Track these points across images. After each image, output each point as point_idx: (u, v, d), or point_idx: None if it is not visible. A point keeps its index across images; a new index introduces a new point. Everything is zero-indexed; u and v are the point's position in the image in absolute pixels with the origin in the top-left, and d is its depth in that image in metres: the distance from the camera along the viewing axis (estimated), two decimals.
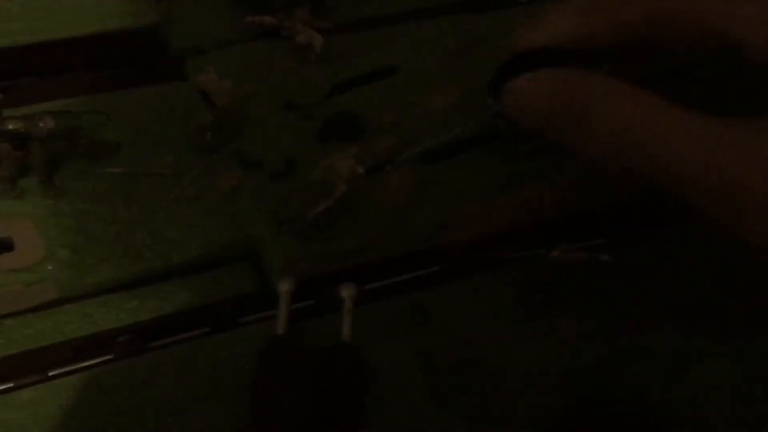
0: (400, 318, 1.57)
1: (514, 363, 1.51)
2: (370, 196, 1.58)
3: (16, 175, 1.46)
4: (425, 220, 1.62)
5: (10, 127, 1.43)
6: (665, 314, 1.62)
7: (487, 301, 1.62)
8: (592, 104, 1.14)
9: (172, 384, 1.40)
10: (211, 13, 1.83)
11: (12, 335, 1.42)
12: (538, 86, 1.31)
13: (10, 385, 1.37)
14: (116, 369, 1.43)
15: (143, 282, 1.50)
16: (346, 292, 1.40)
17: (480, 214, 1.66)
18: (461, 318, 1.59)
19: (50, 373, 1.40)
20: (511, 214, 1.68)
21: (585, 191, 1.72)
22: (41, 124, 1.45)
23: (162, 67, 1.78)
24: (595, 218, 1.75)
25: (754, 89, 1.70)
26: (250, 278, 1.56)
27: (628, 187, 1.74)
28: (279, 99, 1.69)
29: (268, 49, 1.79)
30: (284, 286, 1.39)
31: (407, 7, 1.94)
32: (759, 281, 1.69)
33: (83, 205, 1.50)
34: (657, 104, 1.08)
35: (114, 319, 1.49)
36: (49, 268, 1.41)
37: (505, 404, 1.46)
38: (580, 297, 1.64)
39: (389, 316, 1.54)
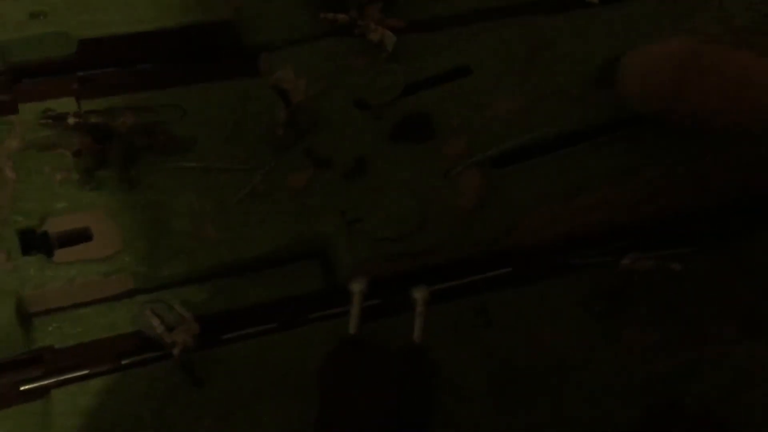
0: (464, 320, 1.57)
1: (578, 372, 1.50)
2: (441, 198, 1.59)
3: (94, 167, 1.49)
4: (494, 223, 1.62)
5: (93, 120, 1.46)
6: (731, 326, 1.60)
7: (553, 307, 1.61)
8: (719, 61, 1.32)
9: (241, 378, 1.42)
10: (283, 9, 1.85)
11: (88, 324, 1.45)
12: (668, 50, 1.45)
13: (86, 372, 1.41)
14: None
15: (214, 276, 1.53)
16: (419, 294, 1.41)
17: (549, 219, 1.65)
18: (525, 322, 1.59)
19: (123, 362, 1.44)
20: (581, 218, 1.67)
21: (655, 197, 1.71)
22: (122, 120, 1.48)
23: (236, 62, 1.80)
24: (667, 226, 1.73)
25: None
26: (319, 276, 1.57)
27: (706, 189, 1.71)
28: (351, 98, 1.70)
29: (340, 47, 1.80)
30: (357, 287, 1.40)
31: (479, 6, 1.94)
32: None
33: (159, 198, 1.53)
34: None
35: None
36: (126, 259, 1.44)
37: (569, 413, 1.45)
38: (647, 306, 1.63)
39: (454, 318, 1.54)
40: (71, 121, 1.45)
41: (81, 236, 1.46)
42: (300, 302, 1.51)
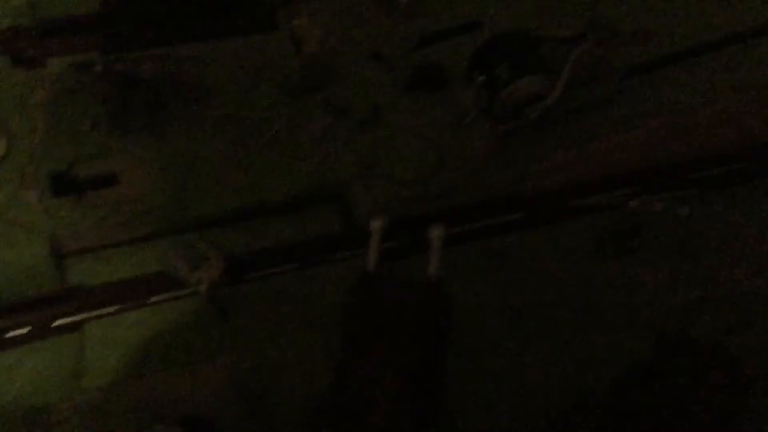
0: (479, 261, 1.62)
1: (590, 306, 1.56)
2: (455, 145, 1.64)
3: (121, 113, 1.55)
4: (508, 169, 1.67)
5: (118, 68, 1.52)
6: (741, 265, 1.65)
7: (565, 248, 1.67)
8: None
9: (266, 312, 1.49)
10: None
11: (118, 263, 1.51)
12: None
13: (116, 308, 1.47)
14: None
15: (239, 218, 1.59)
16: (435, 232, 1.46)
17: (562, 165, 1.71)
18: (538, 262, 1.64)
19: (151, 299, 1.50)
20: (593, 164, 1.72)
21: (666, 142, 1.75)
22: (146, 66, 1.54)
23: (255, 18, 1.85)
24: (678, 172, 1.78)
25: None
26: (338, 219, 1.63)
27: (715, 135, 1.75)
28: (366, 49, 1.75)
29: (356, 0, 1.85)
30: (376, 224, 1.46)
31: None
32: None
33: (184, 144, 1.59)
34: None
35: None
36: (153, 201, 1.50)
37: (581, 341, 1.51)
38: (658, 247, 1.68)
39: (469, 259, 1.60)
40: (98, 68, 1.51)
41: (108, 180, 1.52)
42: (320, 243, 1.56)
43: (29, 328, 1.45)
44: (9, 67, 1.59)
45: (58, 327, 1.45)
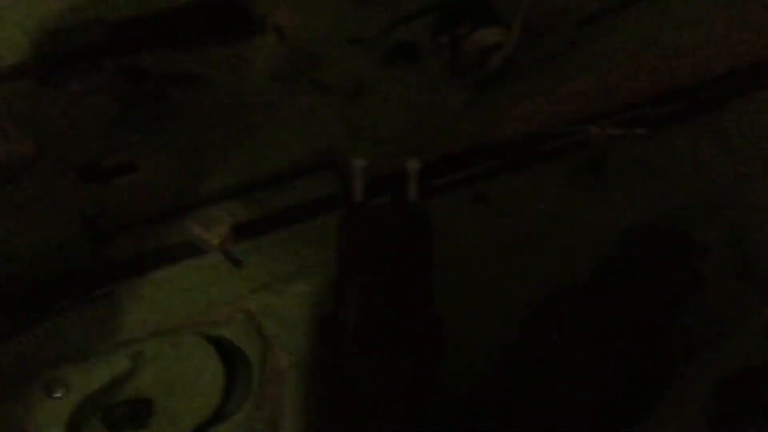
0: (464, 206, 1.78)
1: (569, 225, 1.69)
2: (433, 104, 1.81)
3: (132, 108, 1.76)
4: (483, 118, 1.83)
5: (125, 66, 1.73)
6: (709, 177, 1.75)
7: (543, 185, 1.81)
8: None
9: (273, 261, 1.65)
10: None
11: (143, 239, 1.71)
12: None
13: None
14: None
15: (244, 191, 1.78)
16: (411, 164, 1.63)
17: (533, 110, 1.86)
18: (520, 202, 1.80)
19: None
20: (565, 106, 1.86)
21: (625, 81, 1.90)
22: (149, 63, 1.75)
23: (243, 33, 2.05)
24: (640, 109, 1.92)
25: None
26: (333, 183, 1.81)
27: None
28: (345, 35, 1.95)
29: None
30: (359, 163, 1.63)
31: None
32: None
33: (188, 130, 1.79)
34: None
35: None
36: (166, 183, 1.70)
37: (565, 265, 1.64)
38: (630, 174, 1.83)
39: (454, 206, 1.76)
40: (109, 69, 1.72)
41: (129, 167, 1.73)
42: (318, 205, 1.75)
43: (67, 299, 1.60)
44: (33, 87, 1.80)
45: (95, 297, 1.61)
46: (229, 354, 1.23)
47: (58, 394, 1.17)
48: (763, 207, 1.63)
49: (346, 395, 1.23)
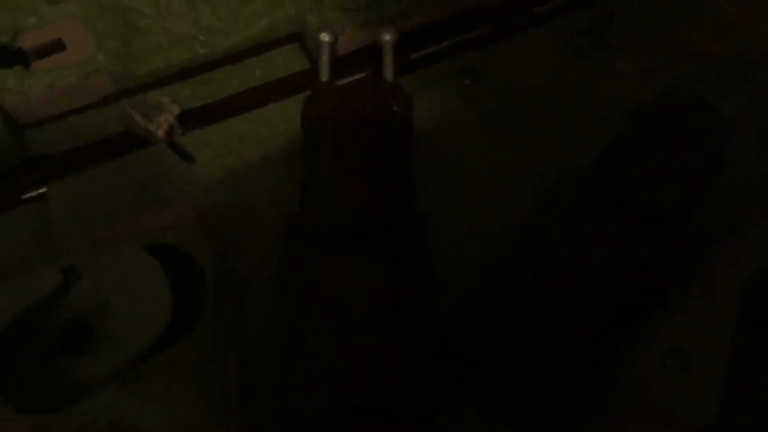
0: (451, 79, 1.56)
1: (572, 106, 1.49)
2: None
3: None
4: None
5: None
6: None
7: (538, 53, 1.59)
8: None
9: (230, 151, 1.44)
10: None
11: (78, 129, 1.48)
12: None
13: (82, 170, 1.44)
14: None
15: (194, 72, 1.54)
16: (386, 36, 1.39)
17: None
18: (513, 72, 1.57)
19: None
20: None
21: None
22: None
23: None
24: None
25: None
26: (299, 59, 1.58)
27: None
28: None
29: None
30: (324, 37, 1.40)
31: None
32: None
33: (127, 3, 1.53)
34: None
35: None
36: (101, 59, 1.46)
37: (567, 139, 1.44)
38: (639, 37, 1.59)
39: (439, 80, 1.54)
40: None
41: (54, 47, 1.47)
42: (280, 86, 1.51)
43: None
44: None
45: (25, 200, 1.42)
46: (178, 265, 1.02)
47: None
48: None
49: (319, 308, 1.02)
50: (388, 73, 1.28)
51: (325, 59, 1.28)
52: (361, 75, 1.41)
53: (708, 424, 1.05)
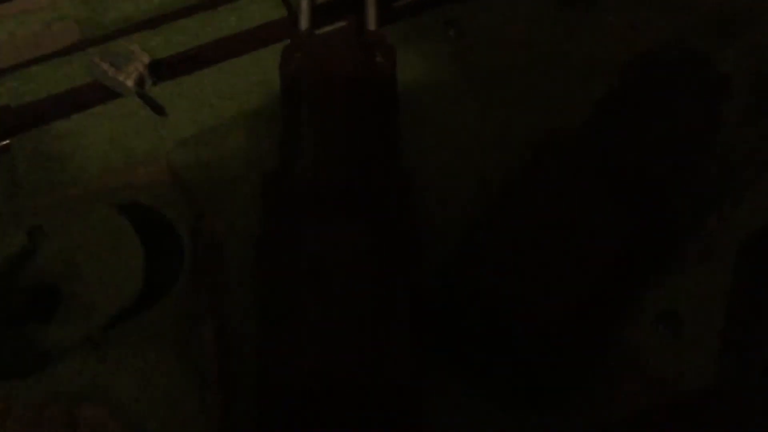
0: (435, 33, 1.50)
1: (558, 60, 1.44)
2: None
3: None
4: None
5: None
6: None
7: (524, 5, 1.54)
8: None
9: (205, 105, 1.37)
10: None
11: (43, 80, 1.40)
12: None
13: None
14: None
15: (167, 18, 1.47)
16: None
17: None
18: (497, 26, 1.52)
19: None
20: None
21: None
22: None
23: None
24: None
25: None
26: (277, 6, 1.51)
27: None
28: None
29: None
30: None
31: None
32: None
33: None
34: None
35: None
36: (65, 5, 1.38)
37: (547, 88, 1.39)
38: None
39: (422, 32, 1.48)
40: None
41: None
42: (257, 35, 1.43)
43: None
44: None
45: None
46: (152, 226, 0.96)
47: None
48: None
49: (301, 273, 0.97)
50: (371, 21, 1.22)
51: (305, 6, 1.22)
52: (343, 23, 1.34)
53: (698, 390, 1.03)
